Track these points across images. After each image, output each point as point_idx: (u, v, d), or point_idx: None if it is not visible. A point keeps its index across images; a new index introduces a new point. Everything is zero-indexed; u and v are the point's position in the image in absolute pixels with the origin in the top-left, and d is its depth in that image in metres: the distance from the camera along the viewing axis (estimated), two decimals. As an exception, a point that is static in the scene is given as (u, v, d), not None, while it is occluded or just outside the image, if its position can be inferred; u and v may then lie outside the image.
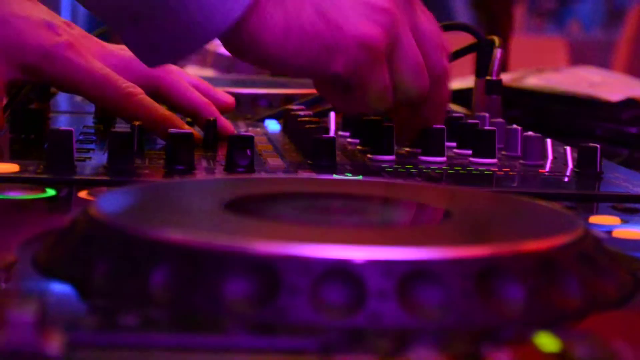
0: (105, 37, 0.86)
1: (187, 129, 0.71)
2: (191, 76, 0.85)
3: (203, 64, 1.31)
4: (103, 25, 0.97)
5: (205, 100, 0.80)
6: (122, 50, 0.80)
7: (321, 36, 0.64)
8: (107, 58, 0.79)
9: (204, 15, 0.63)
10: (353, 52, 0.65)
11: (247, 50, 0.65)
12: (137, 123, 0.69)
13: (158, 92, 0.79)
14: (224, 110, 0.83)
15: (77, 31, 0.80)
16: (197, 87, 0.82)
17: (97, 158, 0.66)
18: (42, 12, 0.77)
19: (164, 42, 0.65)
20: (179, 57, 0.67)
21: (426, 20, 0.69)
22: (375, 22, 0.65)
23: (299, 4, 0.64)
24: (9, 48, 0.73)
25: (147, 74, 0.78)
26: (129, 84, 0.76)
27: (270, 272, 0.36)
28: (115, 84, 0.75)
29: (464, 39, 0.94)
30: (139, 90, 0.76)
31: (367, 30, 0.64)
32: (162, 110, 0.75)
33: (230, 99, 0.85)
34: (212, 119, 0.75)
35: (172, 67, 0.81)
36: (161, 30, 0.64)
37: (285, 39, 0.64)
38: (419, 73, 0.68)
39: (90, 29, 0.85)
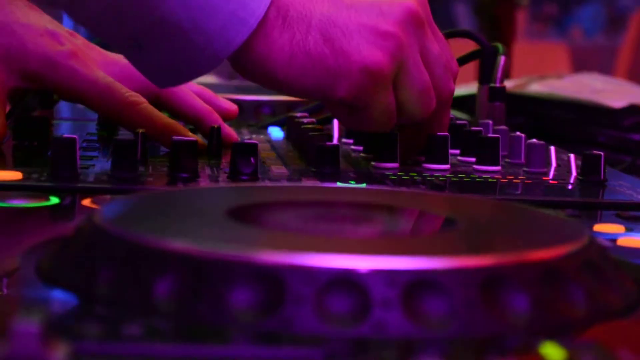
0: (108, 46, 0.86)
1: (191, 136, 0.71)
2: (193, 84, 0.85)
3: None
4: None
5: (208, 107, 0.80)
6: (124, 59, 0.80)
7: (325, 61, 0.65)
8: (109, 67, 0.79)
9: (210, 41, 0.63)
10: (356, 77, 0.65)
11: (254, 72, 0.66)
12: (140, 131, 0.69)
13: (160, 101, 0.79)
14: (227, 117, 0.83)
15: (80, 40, 0.80)
16: (199, 95, 0.82)
17: (101, 166, 0.66)
18: (46, 21, 0.77)
19: (171, 67, 0.66)
20: (187, 79, 0.68)
21: (436, 42, 0.69)
22: (380, 48, 0.65)
23: (305, 28, 0.65)
24: (12, 55, 0.73)
25: (149, 83, 0.78)
26: (132, 93, 0.76)
27: (275, 281, 0.35)
28: (119, 93, 0.75)
29: (467, 46, 0.94)
30: (142, 99, 0.76)
31: (371, 57, 0.65)
32: (166, 118, 0.75)
33: (233, 107, 0.85)
34: (216, 126, 0.75)
35: None
36: (167, 55, 0.65)
37: (290, 63, 0.65)
38: (425, 96, 0.68)
39: (91, 38, 0.85)
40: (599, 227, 0.54)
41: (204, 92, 0.84)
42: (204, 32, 0.63)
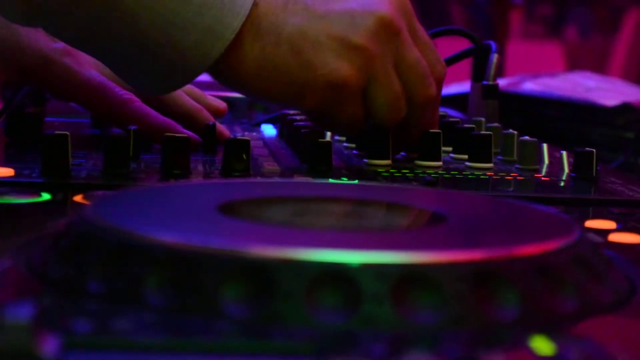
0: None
1: (184, 134, 0.71)
2: None
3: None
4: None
5: (198, 106, 0.81)
6: None
7: (292, 74, 0.65)
8: (100, 67, 0.79)
9: (184, 55, 0.64)
10: (322, 90, 0.66)
11: (227, 81, 0.67)
12: (132, 128, 0.69)
13: (151, 100, 0.79)
14: (217, 115, 0.83)
15: None
16: (189, 94, 0.82)
17: (93, 162, 0.66)
18: None
19: (152, 79, 0.67)
20: (170, 90, 0.68)
21: (415, 47, 0.69)
22: (348, 61, 0.65)
23: (275, 40, 0.65)
24: (7, 49, 0.73)
25: None
26: (125, 91, 0.76)
27: (265, 275, 0.35)
28: (112, 91, 0.75)
29: (461, 44, 0.94)
30: (135, 97, 0.76)
31: (337, 70, 0.65)
32: (158, 116, 0.75)
33: (222, 105, 0.85)
34: (211, 123, 0.75)
35: None
36: (148, 68, 0.66)
37: (259, 75, 0.66)
38: (393, 106, 0.69)
39: None
40: (590, 223, 0.54)
41: (193, 90, 0.84)
42: (178, 47, 0.64)
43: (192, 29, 0.64)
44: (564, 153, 0.73)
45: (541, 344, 0.34)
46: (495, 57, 0.91)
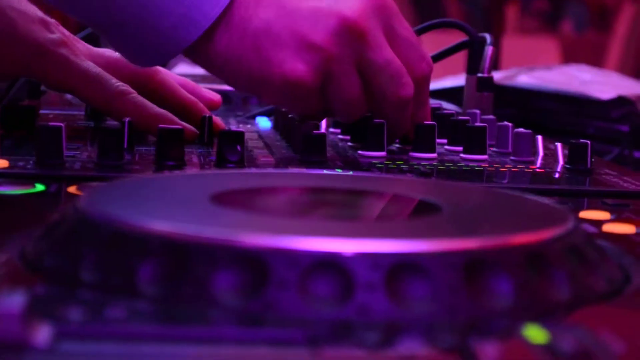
0: (92, 40, 0.86)
1: (180, 126, 0.71)
2: (176, 76, 0.85)
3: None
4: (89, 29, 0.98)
5: (193, 98, 0.81)
6: (108, 52, 0.80)
7: (252, 69, 0.67)
8: (95, 59, 0.79)
9: (159, 38, 0.67)
10: (278, 87, 0.67)
11: (203, 66, 0.70)
12: (127, 119, 0.69)
13: (145, 93, 0.79)
14: (211, 107, 0.83)
15: (67, 32, 0.80)
16: (183, 86, 0.82)
17: (87, 154, 0.66)
18: (37, 11, 0.77)
19: (129, 53, 0.70)
20: (147, 65, 0.71)
21: (385, 50, 0.69)
22: (305, 60, 0.66)
23: (241, 34, 0.67)
24: (3, 40, 0.73)
25: (134, 75, 0.78)
26: (121, 83, 0.76)
27: (258, 264, 0.35)
28: (108, 82, 0.75)
29: (456, 37, 0.94)
30: (131, 89, 0.76)
31: (293, 69, 0.66)
32: (155, 108, 0.75)
33: (217, 97, 0.85)
34: (207, 115, 0.75)
35: (159, 67, 0.81)
36: (125, 43, 0.69)
37: (224, 68, 0.68)
38: (350, 106, 0.69)
39: (75, 33, 0.85)
40: (584, 214, 0.54)
41: (188, 83, 0.84)
42: (153, 30, 0.66)
43: (168, 15, 0.66)
44: (559, 145, 0.73)
45: (535, 333, 0.34)
46: (490, 50, 0.91)
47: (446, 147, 0.76)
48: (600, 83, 1.17)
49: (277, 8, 0.67)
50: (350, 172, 0.61)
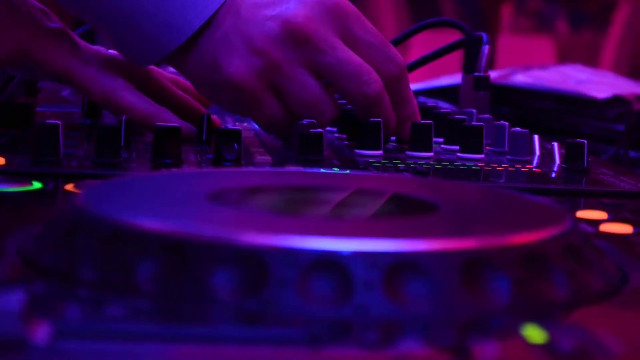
0: (90, 38, 0.86)
1: (178, 122, 0.71)
2: (168, 74, 0.85)
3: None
4: (86, 27, 0.99)
5: (189, 97, 0.81)
6: (102, 50, 0.80)
7: (207, 75, 0.71)
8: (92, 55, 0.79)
9: (146, 43, 0.71)
10: (227, 92, 0.70)
11: (180, 72, 0.75)
12: (124, 117, 0.69)
13: (140, 90, 0.79)
14: (206, 105, 0.83)
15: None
16: (175, 84, 0.83)
17: (84, 152, 0.66)
18: (36, 2, 0.77)
19: (119, 49, 0.74)
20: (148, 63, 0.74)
21: (337, 52, 0.70)
22: (247, 64, 0.69)
23: (207, 41, 0.70)
24: (4, 26, 0.73)
25: (128, 74, 0.77)
26: (119, 78, 0.75)
27: (258, 263, 0.35)
28: (107, 76, 0.75)
29: (451, 36, 0.94)
30: (129, 84, 0.75)
31: (235, 72, 0.69)
32: (153, 104, 0.75)
33: None
34: (206, 113, 0.75)
35: (152, 66, 0.81)
36: (114, 40, 0.73)
37: (193, 72, 0.72)
38: (313, 108, 0.71)
39: (73, 28, 0.85)
40: (582, 214, 0.54)
41: (179, 81, 0.84)
42: (140, 34, 0.71)
43: (156, 18, 0.69)
44: (555, 144, 0.73)
45: (533, 332, 0.34)
46: (486, 49, 0.91)
47: (443, 146, 0.76)
48: (596, 82, 1.17)
49: (239, 17, 0.70)
50: (347, 171, 0.61)
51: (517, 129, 0.74)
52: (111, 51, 0.79)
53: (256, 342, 0.33)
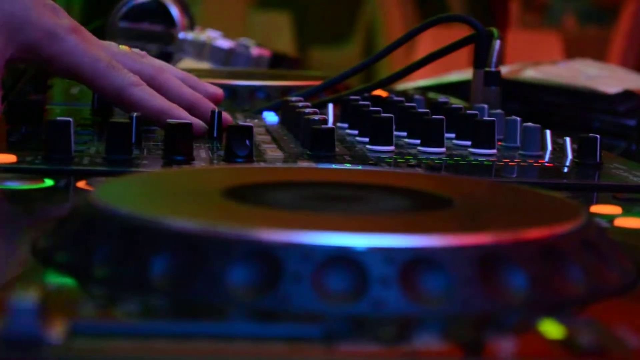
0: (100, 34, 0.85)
1: (189, 119, 0.71)
2: (178, 71, 0.84)
3: (199, 57, 1.30)
4: (95, 21, 0.98)
5: (198, 95, 0.80)
6: (113, 46, 0.80)
7: None
8: (105, 47, 0.78)
9: None
10: None
11: None
12: (135, 114, 0.69)
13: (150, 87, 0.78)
14: (214, 102, 0.82)
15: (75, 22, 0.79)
16: (185, 81, 0.82)
17: (95, 149, 0.66)
18: None
19: None
20: None
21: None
22: None
23: None
24: (13, 23, 0.73)
25: (138, 72, 0.77)
26: (131, 73, 0.75)
27: (273, 259, 0.35)
28: (119, 72, 0.75)
29: (457, 32, 0.94)
30: (141, 80, 0.75)
31: None
32: (165, 100, 0.74)
33: (219, 91, 0.84)
34: (217, 110, 0.75)
35: (161, 63, 0.81)
36: None
37: None
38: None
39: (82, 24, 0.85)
40: (596, 208, 0.54)
41: (189, 78, 0.83)
42: None
43: None
44: (568, 139, 0.73)
45: (550, 327, 0.34)
46: (497, 44, 0.90)
47: (454, 141, 0.76)
48: (607, 77, 1.17)
49: None
50: (360, 167, 0.61)
51: (530, 124, 0.74)
52: (122, 47, 0.79)
53: (271, 339, 0.33)
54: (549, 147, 0.74)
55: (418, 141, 0.73)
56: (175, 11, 1.31)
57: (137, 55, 0.79)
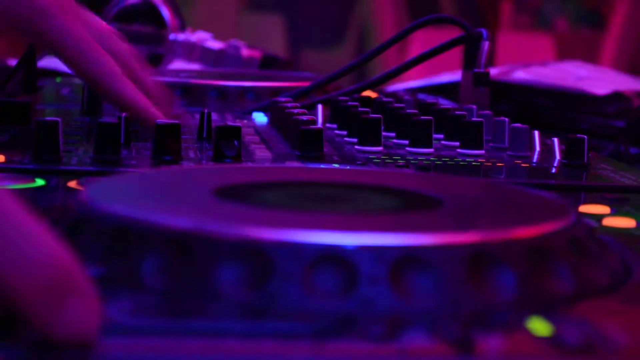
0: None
1: (161, 117, 0.70)
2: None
3: (190, 58, 1.31)
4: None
5: (145, 102, 0.77)
6: (98, 23, 0.79)
7: None
8: (91, 27, 0.77)
9: None
10: None
11: None
12: (124, 114, 0.68)
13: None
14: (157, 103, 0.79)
15: None
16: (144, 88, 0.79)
17: (84, 149, 0.66)
18: None
19: None
20: None
21: None
22: None
23: None
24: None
25: (115, 54, 0.76)
26: (113, 62, 0.74)
27: (262, 257, 0.35)
28: (100, 58, 0.74)
29: (448, 33, 0.94)
30: (119, 70, 0.74)
31: None
32: (141, 97, 0.74)
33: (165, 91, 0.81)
34: (206, 110, 0.74)
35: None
36: None
37: None
38: None
39: None
40: (584, 208, 0.54)
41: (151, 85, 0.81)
42: None
43: None
44: (555, 140, 0.73)
45: (538, 325, 0.34)
46: (486, 45, 0.91)
47: (443, 142, 0.76)
48: (596, 79, 1.17)
49: None
50: (348, 167, 0.61)
51: (517, 124, 0.74)
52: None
53: (261, 336, 0.33)
54: (537, 147, 0.74)
55: (406, 142, 0.73)
56: (166, 12, 1.31)
57: (117, 35, 0.78)
